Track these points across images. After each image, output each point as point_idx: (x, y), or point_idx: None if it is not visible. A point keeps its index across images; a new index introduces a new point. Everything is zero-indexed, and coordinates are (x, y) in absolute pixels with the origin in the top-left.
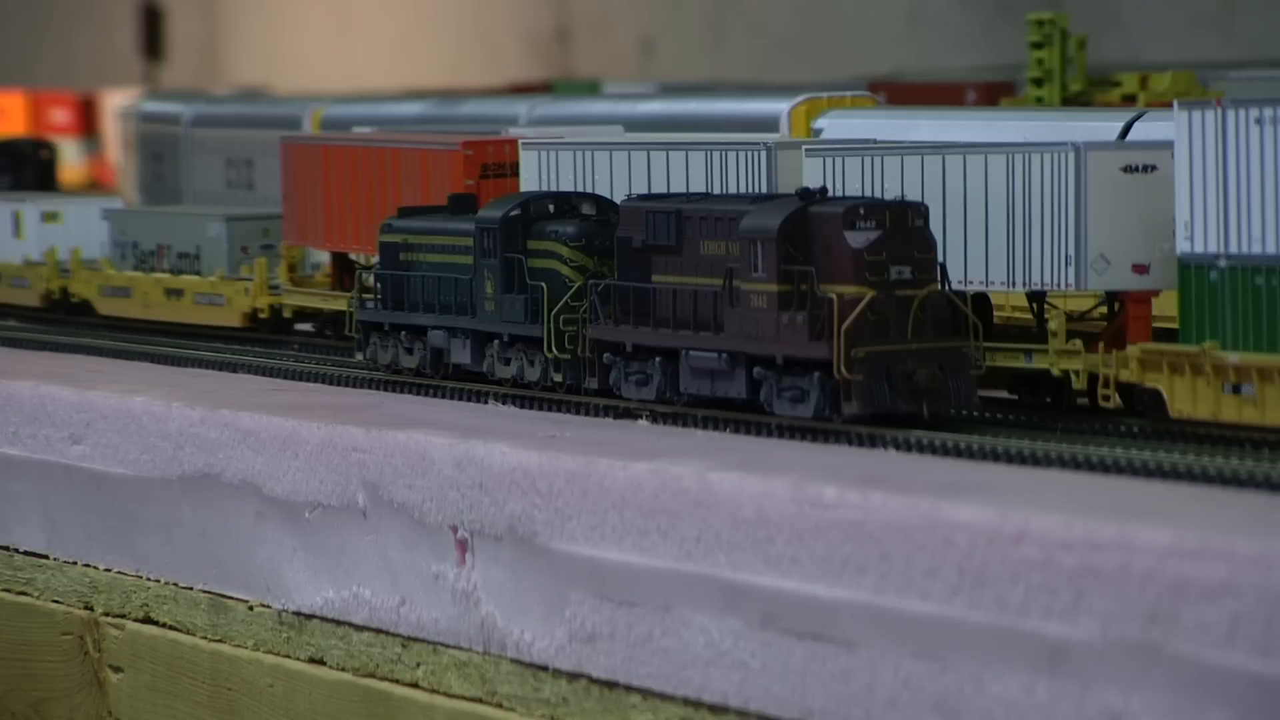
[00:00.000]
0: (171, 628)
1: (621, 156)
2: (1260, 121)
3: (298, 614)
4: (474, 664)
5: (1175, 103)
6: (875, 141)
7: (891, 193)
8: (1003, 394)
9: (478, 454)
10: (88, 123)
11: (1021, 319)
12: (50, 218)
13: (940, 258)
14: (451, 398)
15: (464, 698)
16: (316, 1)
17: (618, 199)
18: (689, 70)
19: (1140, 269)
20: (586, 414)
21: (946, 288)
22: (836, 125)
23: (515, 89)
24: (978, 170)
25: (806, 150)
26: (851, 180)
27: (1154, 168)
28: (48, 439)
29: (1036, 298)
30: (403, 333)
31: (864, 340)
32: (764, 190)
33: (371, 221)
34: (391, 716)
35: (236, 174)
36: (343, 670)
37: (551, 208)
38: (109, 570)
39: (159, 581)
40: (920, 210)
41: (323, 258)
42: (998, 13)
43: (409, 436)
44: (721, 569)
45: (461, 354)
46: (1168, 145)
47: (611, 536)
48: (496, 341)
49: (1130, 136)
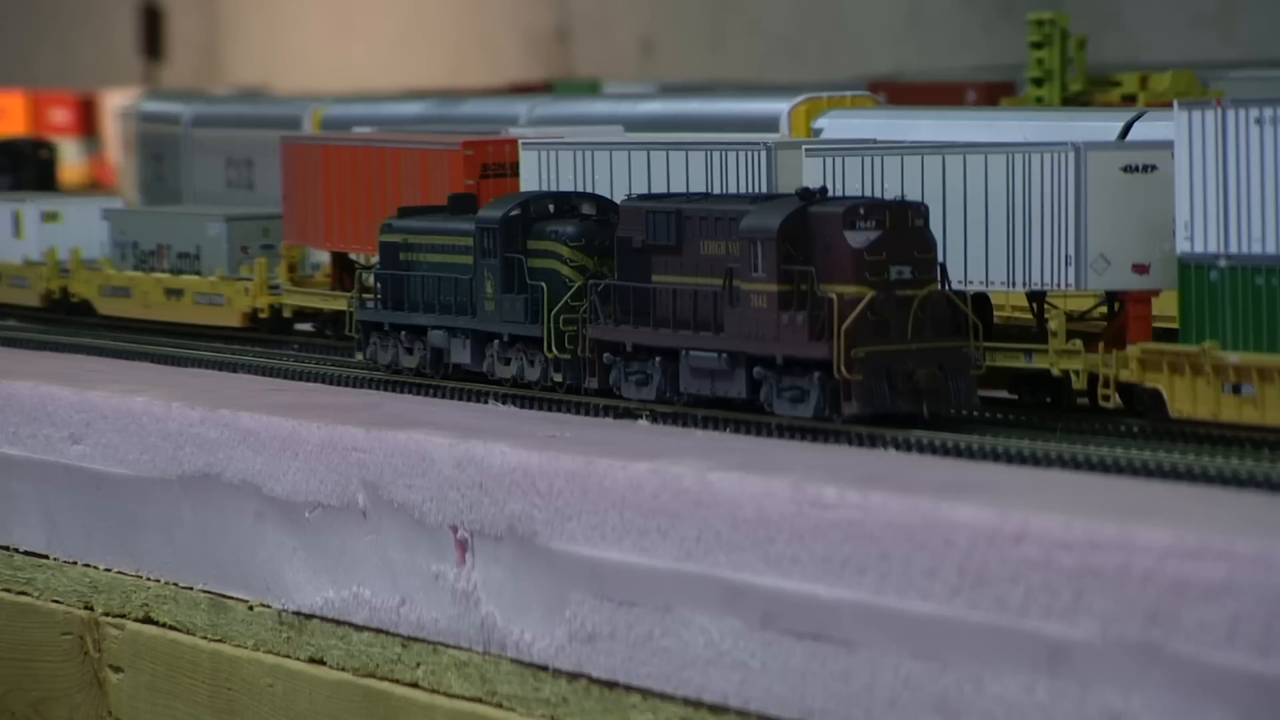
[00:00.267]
0: (171, 628)
1: (621, 156)
2: (1260, 121)
3: (298, 614)
4: (474, 664)
5: (1175, 103)
6: (875, 141)
7: (891, 193)
8: (1003, 394)
9: (478, 454)
10: (88, 123)
11: (1021, 319)
12: (50, 218)
13: (940, 258)
14: (451, 398)
15: (464, 698)
16: (316, 1)
17: (618, 199)
18: (689, 70)
19: (1140, 269)
20: (586, 414)
21: (946, 288)
22: (836, 125)
23: (515, 89)
24: (978, 170)
25: (806, 150)
26: (851, 180)
27: (1154, 168)
28: (48, 439)
29: (1036, 298)
30: (403, 333)
31: (864, 340)
32: (764, 190)
33: (371, 221)
34: (391, 716)
35: (236, 174)
36: (343, 670)
37: (551, 208)
38: (109, 570)
39: (159, 581)
40: (920, 210)
41: (323, 258)
42: (998, 13)
43: (409, 436)
44: (721, 569)
45: (461, 354)
46: (1168, 145)
47: (611, 536)
48: (496, 341)
49: (1130, 136)
